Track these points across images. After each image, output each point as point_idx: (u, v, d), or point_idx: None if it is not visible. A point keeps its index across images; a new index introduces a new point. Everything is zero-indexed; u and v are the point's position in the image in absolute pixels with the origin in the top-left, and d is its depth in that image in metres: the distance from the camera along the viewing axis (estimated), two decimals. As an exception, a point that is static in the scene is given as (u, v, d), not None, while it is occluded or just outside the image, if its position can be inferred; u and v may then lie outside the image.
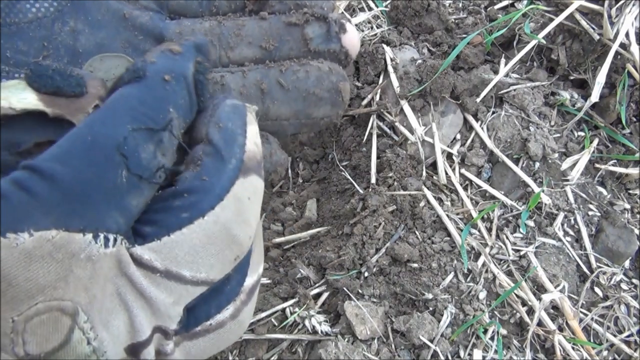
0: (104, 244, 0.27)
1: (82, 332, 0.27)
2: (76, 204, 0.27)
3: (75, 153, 0.28)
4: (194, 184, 0.31)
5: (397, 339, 0.62)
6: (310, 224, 0.72)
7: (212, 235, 0.30)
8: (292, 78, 0.41)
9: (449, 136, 0.69)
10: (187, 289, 0.30)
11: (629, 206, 0.70)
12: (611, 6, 0.67)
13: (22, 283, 0.25)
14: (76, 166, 0.27)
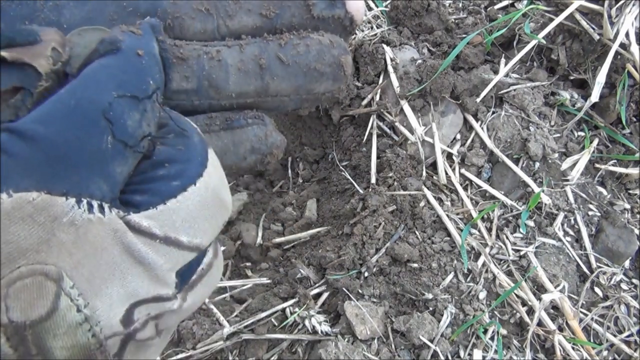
0: (87, 209, 0.27)
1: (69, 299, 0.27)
2: (58, 166, 0.26)
3: (57, 115, 0.28)
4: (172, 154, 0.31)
5: (397, 339, 0.62)
6: (310, 224, 0.72)
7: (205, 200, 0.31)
8: (292, 52, 0.39)
9: (449, 136, 0.69)
10: (183, 254, 0.30)
11: (629, 206, 0.70)
12: (611, 6, 0.67)
13: (2, 246, 0.25)
14: (59, 128, 0.27)
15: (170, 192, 0.29)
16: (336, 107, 0.73)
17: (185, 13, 0.38)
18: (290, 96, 0.40)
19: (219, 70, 0.38)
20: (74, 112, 0.28)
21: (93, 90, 0.29)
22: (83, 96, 0.29)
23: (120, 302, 0.29)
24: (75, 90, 0.29)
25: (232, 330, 0.63)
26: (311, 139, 0.79)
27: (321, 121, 0.78)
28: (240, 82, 0.39)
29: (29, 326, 0.26)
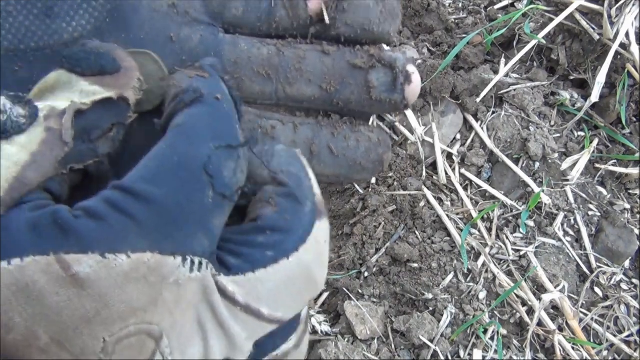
0: (190, 269, 0.27)
1: (162, 356, 0.27)
2: (170, 226, 0.27)
3: (164, 174, 0.28)
4: (277, 222, 0.31)
5: (397, 339, 0.62)
6: (310, 224, 0.72)
7: (295, 276, 0.30)
8: (342, 145, 0.40)
9: (449, 136, 0.69)
10: (262, 325, 0.30)
11: (629, 206, 0.70)
12: (611, 6, 0.67)
13: (117, 304, 0.25)
14: (169, 188, 0.27)
15: (261, 262, 0.29)
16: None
17: (245, 74, 0.38)
18: (329, 178, 0.41)
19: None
20: (179, 169, 0.28)
21: (194, 144, 0.29)
22: (185, 151, 0.29)
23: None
24: (176, 144, 0.29)
25: (232, 330, 0.63)
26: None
27: (321, 121, 0.78)
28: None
29: None
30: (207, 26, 0.37)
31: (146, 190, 0.27)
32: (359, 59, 0.39)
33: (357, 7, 0.39)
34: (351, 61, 0.39)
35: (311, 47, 0.39)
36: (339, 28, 0.39)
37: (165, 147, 0.29)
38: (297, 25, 0.39)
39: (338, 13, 0.38)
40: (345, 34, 0.39)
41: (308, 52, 0.39)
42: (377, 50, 0.40)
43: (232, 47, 0.38)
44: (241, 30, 0.38)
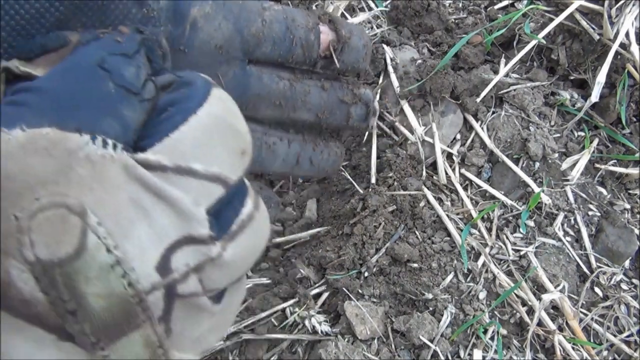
0: (102, 146, 0.27)
1: (96, 236, 0.25)
2: (67, 107, 0.27)
3: (58, 73, 0.29)
4: (174, 96, 0.31)
5: (397, 339, 0.62)
6: (310, 224, 0.72)
7: (211, 126, 0.30)
8: (319, 157, 0.57)
9: (449, 136, 0.69)
10: (202, 184, 0.29)
11: (629, 206, 0.70)
12: (611, 6, 0.67)
13: (19, 175, 0.24)
14: (62, 80, 0.28)
15: (172, 126, 0.29)
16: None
17: (264, 103, 0.50)
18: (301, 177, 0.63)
19: (270, 159, 0.52)
20: (74, 68, 0.29)
21: (84, 54, 0.30)
22: (76, 57, 0.30)
23: (152, 245, 0.27)
24: (68, 58, 0.31)
25: (232, 330, 0.63)
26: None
27: (321, 121, 0.78)
28: (278, 168, 0.53)
29: (58, 265, 0.24)
30: (240, 62, 0.47)
31: (38, 85, 0.28)
32: (346, 96, 0.55)
33: (352, 50, 0.53)
34: (341, 97, 0.55)
35: (313, 82, 0.52)
36: (334, 69, 0.53)
37: (61, 62, 0.30)
38: (308, 61, 0.50)
39: (340, 54, 0.52)
40: (340, 70, 0.53)
41: (312, 87, 0.52)
42: (357, 88, 0.56)
43: (257, 80, 0.48)
44: (263, 61, 0.49)
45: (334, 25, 0.51)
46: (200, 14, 0.42)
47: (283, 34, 0.47)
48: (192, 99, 0.30)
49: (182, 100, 0.31)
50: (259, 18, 0.46)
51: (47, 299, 0.25)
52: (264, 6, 0.47)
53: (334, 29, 0.51)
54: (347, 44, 0.51)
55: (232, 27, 0.44)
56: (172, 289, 0.27)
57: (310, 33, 0.48)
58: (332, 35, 0.50)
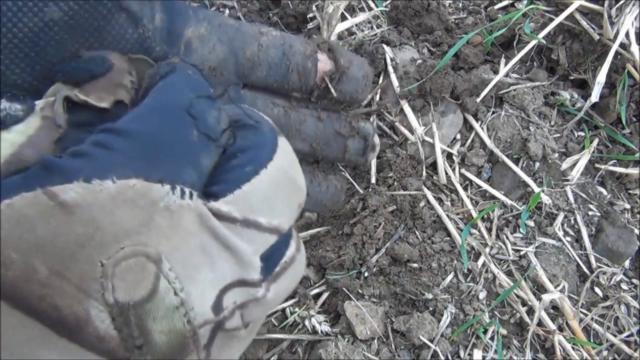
0: (180, 196, 0.28)
1: (167, 281, 0.27)
2: (153, 156, 0.28)
3: (147, 115, 0.30)
4: (244, 144, 0.33)
5: (397, 339, 0.62)
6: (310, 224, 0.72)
7: (278, 181, 0.32)
8: (316, 190, 0.55)
9: (449, 136, 0.69)
10: (263, 236, 0.31)
11: (629, 206, 0.70)
12: (611, 6, 0.67)
13: (108, 226, 0.26)
14: (151, 124, 0.29)
15: (244, 178, 0.31)
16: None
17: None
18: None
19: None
20: (162, 110, 0.30)
21: (173, 93, 0.31)
22: (166, 99, 0.31)
23: (211, 288, 0.29)
24: (157, 96, 0.31)
25: (232, 330, 0.63)
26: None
27: (321, 121, 0.78)
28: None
29: (132, 307, 0.27)
30: (234, 85, 0.46)
31: (129, 127, 0.28)
32: (343, 129, 0.53)
33: (350, 80, 0.51)
34: (337, 129, 0.53)
35: (309, 112, 0.51)
36: (332, 98, 0.51)
37: (148, 99, 0.31)
38: (304, 89, 0.49)
39: (338, 83, 0.51)
40: (337, 99, 0.52)
41: (307, 116, 0.50)
42: (355, 122, 0.54)
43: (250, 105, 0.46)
44: (258, 86, 0.48)
45: (333, 55, 0.50)
46: (195, 34, 0.42)
47: (279, 59, 0.46)
48: (263, 149, 0.33)
49: (252, 148, 0.32)
50: (256, 42, 0.46)
51: (119, 336, 0.27)
52: (262, 31, 0.46)
53: (333, 58, 0.50)
54: (346, 74, 0.50)
55: (226, 50, 0.44)
56: (220, 325, 0.30)
57: (307, 60, 0.48)
58: (330, 65, 0.50)
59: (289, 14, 0.83)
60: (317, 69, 0.49)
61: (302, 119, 0.49)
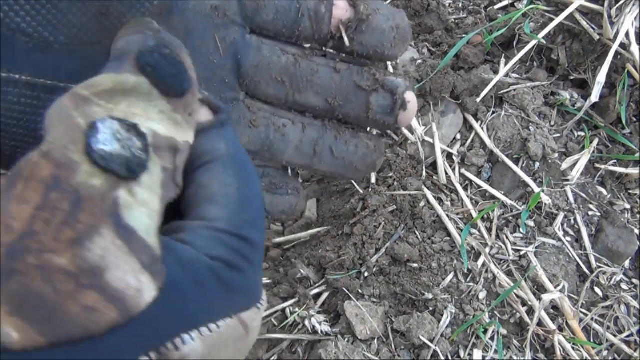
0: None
1: None
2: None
3: (259, 219, 0.29)
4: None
5: (397, 339, 0.62)
6: (310, 224, 0.72)
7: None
8: (343, 148, 0.46)
9: (449, 136, 0.69)
10: None
11: (629, 206, 0.70)
12: (611, 6, 0.67)
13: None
14: (262, 231, 0.29)
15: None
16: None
17: (263, 78, 0.43)
18: (325, 173, 0.47)
19: (280, 143, 0.44)
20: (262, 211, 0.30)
21: (255, 183, 0.30)
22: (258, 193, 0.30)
23: None
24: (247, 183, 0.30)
25: (232, 330, 0.63)
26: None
27: (321, 121, 0.78)
28: (293, 156, 0.45)
29: None
30: (239, 28, 0.41)
31: (257, 238, 0.28)
32: (364, 81, 0.44)
33: (373, 31, 0.43)
34: (357, 82, 0.44)
35: (325, 62, 0.44)
36: (354, 46, 0.43)
37: (240, 187, 0.29)
38: (317, 37, 0.43)
39: (356, 34, 0.42)
40: (358, 52, 0.43)
41: (321, 66, 0.43)
42: (382, 74, 0.44)
43: (256, 51, 0.42)
44: (267, 32, 0.42)
45: (353, 1, 0.43)
46: None
47: (288, 1, 0.41)
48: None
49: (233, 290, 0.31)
50: None
51: None
52: None
53: (353, 5, 0.43)
54: (367, 23, 0.42)
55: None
56: None
57: (320, 5, 0.42)
58: (350, 12, 0.42)
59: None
60: (332, 15, 0.42)
61: (315, 69, 0.43)
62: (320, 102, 0.44)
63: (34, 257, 0.20)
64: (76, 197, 0.21)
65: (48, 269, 0.20)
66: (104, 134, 0.23)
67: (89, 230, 0.21)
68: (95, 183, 0.22)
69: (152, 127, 0.25)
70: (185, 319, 0.24)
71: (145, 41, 0.27)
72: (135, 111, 0.25)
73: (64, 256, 0.21)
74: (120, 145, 0.23)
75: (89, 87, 0.24)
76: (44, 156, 0.22)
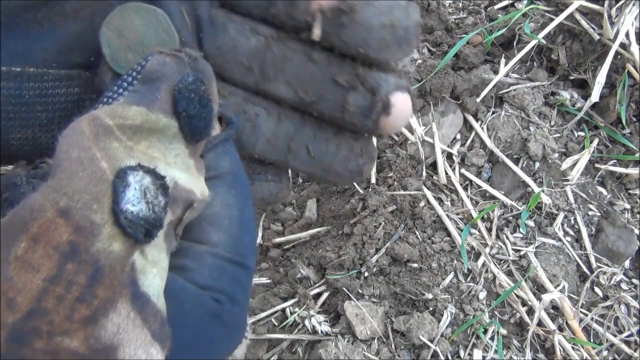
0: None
1: None
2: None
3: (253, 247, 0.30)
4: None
5: (397, 339, 0.62)
6: (310, 224, 0.72)
7: None
8: (321, 148, 0.39)
9: (449, 136, 0.69)
10: None
11: (629, 206, 0.70)
12: (611, 6, 0.67)
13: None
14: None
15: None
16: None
17: (227, 61, 0.37)
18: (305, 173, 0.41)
19: (250, 134, 0.38)
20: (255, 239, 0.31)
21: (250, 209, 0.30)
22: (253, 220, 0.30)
23: None
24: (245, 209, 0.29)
25: (232, 330, 0.63)
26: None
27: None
28: (264, 149, 0.38)
29: None
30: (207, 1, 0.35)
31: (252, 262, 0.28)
32: (343, 76, 0.37)
33: (356, 26, 0.35)
34: (335, 76, 0.37)
35: (301, 49, 0.37)
36: (334, 41, 0.35)
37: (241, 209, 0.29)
38: (292, 24, 0.36)
39: (336, 27, 0.34)
40: (338, 49, 0.36)
41: (297, 53, 0.37)
42: (365, 69, 0.37)
43: (220, 30, 0.36)
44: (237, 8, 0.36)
45: None
46: None
47: None
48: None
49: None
50: None
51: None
52: None
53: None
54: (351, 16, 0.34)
55: None
56: None
57: None
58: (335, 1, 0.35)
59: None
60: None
61: (288, 56, 0.37)
62: (291, 95, 0.38)
63: (44, 341, 0.18)
64: (95, 269, 0.19)
65: (57, 354, 0.18)
66: (134, 190, 0.20)
67: (106, 305, 0.19)
68: (115, 248, 0.20)
69: (173, 176, 0.23)
70: None
71: (183, 73, 0.25)
72: (154, 154, 0.23)
73: (77, 338, 0.18)
74: (147, 205, 0.21)
75: (116, 116, 0.22)
76: (62, 215, 0.19)
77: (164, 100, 0.23)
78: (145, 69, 0.25)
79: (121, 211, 0.20)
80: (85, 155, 0.20)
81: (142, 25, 0.31)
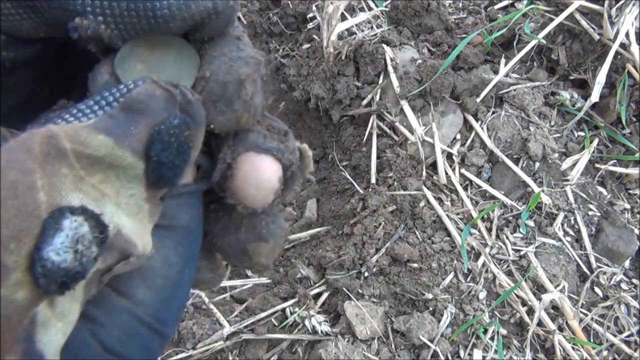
0: None
1: None
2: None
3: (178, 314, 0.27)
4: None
5: (397, 339, 0.62)
6: (310, 224, 0.72)
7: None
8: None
9: (449, 136, 0.69)
10: None
11: (629, 206, 0.70)
12: (611, 6, 0.67)
13: None
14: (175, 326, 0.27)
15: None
16: (336, 107, 0.73)
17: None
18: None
19: None
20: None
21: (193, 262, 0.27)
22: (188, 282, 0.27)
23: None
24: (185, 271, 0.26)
25: (232, 330, 0.63)
26: (311, 139, 0.79)
27: (321, 121, 0.78)
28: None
29: None
30: None
31: (170, 333, 0.24)
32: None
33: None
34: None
35: None
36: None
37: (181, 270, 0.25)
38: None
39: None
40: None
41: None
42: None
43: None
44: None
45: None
46: None
47: None
48: None
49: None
50: None
51: None
52: None
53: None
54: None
55: None
56: None
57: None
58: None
59: (289, 14, 0.83)
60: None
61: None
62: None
63: None
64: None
65: None
66: (64, 237, 0.18)
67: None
68: (19, 297, 0.17)
69: (118, 223, 0.20)
70: None
71: (170, 113, 0.22)
72: (106, 190, 0.20)
73: None
74: (74, 256, 0.18)
75: (76, 141, 0.19)
76: None
77: (138, 137, 0.21)
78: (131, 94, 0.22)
79: (40, 259, 0.17)
80: (23, 181, 0.18)
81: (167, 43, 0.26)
